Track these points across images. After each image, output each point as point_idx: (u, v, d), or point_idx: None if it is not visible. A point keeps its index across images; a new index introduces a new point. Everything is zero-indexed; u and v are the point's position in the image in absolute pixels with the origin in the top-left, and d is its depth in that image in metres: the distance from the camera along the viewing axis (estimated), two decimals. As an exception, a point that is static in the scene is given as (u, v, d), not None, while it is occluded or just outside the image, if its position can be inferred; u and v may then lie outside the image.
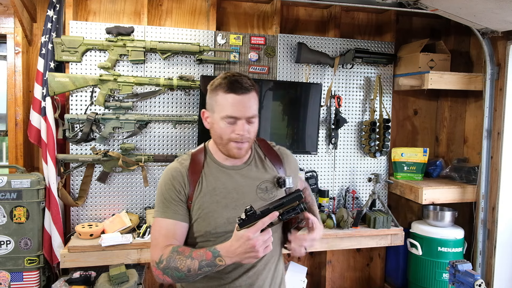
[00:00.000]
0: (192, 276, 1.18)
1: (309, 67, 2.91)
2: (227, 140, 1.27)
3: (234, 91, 1.24)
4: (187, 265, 1.17)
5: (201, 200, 1.30)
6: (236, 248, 1.12)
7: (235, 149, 1.28)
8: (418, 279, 2.93)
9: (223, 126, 1.26)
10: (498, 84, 2.80)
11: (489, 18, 2.43)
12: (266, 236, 1.11)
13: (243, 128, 1.25)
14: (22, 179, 2.39)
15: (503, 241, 2.80)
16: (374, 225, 2.79)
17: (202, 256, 1.17)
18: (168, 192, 1.30)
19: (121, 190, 2.66)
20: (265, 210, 1.12)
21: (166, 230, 1.28)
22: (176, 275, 1.19)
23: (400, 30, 3.17)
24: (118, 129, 2.59)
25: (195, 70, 2.72)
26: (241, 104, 1.24)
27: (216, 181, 1.33)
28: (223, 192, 1.31)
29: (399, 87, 3.04)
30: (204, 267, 1.16)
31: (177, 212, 1.29)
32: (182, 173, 1.32)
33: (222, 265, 1.15)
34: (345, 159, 3.03)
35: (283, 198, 1.15)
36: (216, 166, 1.35)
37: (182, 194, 1.30)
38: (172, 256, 1.20)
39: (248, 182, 1.35)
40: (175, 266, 1.19)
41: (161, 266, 1.21)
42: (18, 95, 2.56)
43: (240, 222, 1.13)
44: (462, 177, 3.02)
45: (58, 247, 2.43)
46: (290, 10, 3.01)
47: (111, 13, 2.71)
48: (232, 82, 1.24)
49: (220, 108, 1.26)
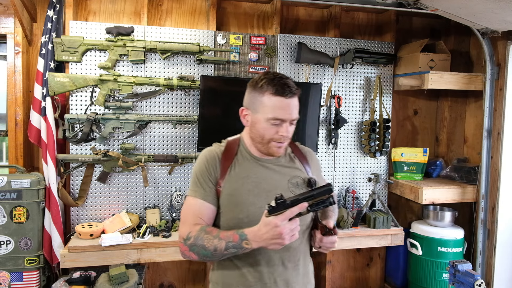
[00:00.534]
0: (218, 255, 1.24)
1: (309, 67, 2.91)
2: (268, 139, 1.32)
3: (282, 94, 1.27)
4: (214, 244, 1.22)
5: (232, 186, 1.33)
6: (263, 233, 1.15)
7: (275, 148, 1.33)
8: (418, 279, 2.93)
9: (267, 126, 1.30)
10: (498, 84, 2.80)
11: (489, 18, 2.43)
12: (294, 225, 1.15)
13: (287, 130, 1.30)
14: (22, 179, 2.39)
15: (503, 241, 2.80)
16: (374, 225, 2.79)
17: (229, 238, 1.21)
18: (201, 173, 1.35)
19: (121, 190, 2.66)
20: (295, 200, 1.15)
21: (195, 209, 1.33)
22: (202, 252, 1.24)
23: (400, 30, 3.17)
24: (118, 129, 2.59)
25: (195, 70, 2.72)
26: (288, 107, 1.28)
27: (248, 170, 1.37)
28: (255, 181, 1.35)
29: (399, 87, 3.04)
30: (230, 248, 1.21)
31: (207, 193, 1.33)
32: (215, 157, 1.37)
33: (248, 248, 1.20)
34: (345, 159, 3.03)
35: (314, 190, 1.18)
36: (248, 156, 1.40)
37: (213, 176, 1.35)
38: (199, 234, 1.26)
39: (279, 175, 1.39)
40: (202, 244, 1.24)
41: (188, 243, 1.27)
42: (18, 95, 2.56)
43: (269, 209, 1.16)
44: (462, 177, 3.02)
45: (58, 247, 2.43)
46: (290, 10, 3.01)
47: (111, 13, 2.71)
48: (281, 85, 1.28)
49: (266, 109, 1.29)
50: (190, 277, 2.98)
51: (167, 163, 2.67)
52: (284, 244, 1.15)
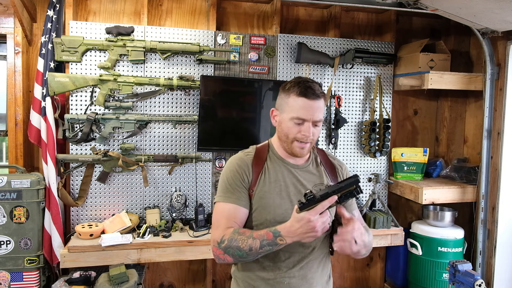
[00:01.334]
0: (253, 255, 1.29)
1: (309, 67, 2.91)
2: (292, 138, 1.38)
3: (305, 96, 1.34)
4: (249, 244, 1.27)
5: (262, 189, 1.40)
6: (297, 229, 1.21)
7: (298, 148, 1.39)
8: (418, 279, 2.93)
9: (291, 125, 1.37)
10: (498, 84, 2.80)
11: (489, 18, 2.43)
12: (325, 218, 1.21)
13: (309, 130, 1.36)
14: (22, 179, 2.39)
15: (503, 241, 2.80)
16: (374, 225, 2.79)
17: (263, 236, 1.26)
18: (233, 179, 1.41)
19: (121, 190, 2.66)
20: (324, 194, 1.20)
21: (228, 213, 1.38)
22: (237, 253, 1.29)
23: (400, 30, 3.17)
24: (118, 129, 2.59)
25: (195, 70, 2.72)
26: (310, 108, 1.35)
27: (277, 174, 1.44)
28: (283, 185, 1.42)
29: (399, 87, 3.04)
30: (265, 246, 1.26)
31: (239, 198, 1.39)
32: (247, 163, 1.43)
33: (283, 244, 1.25)
34: (345, 159, 3.03)
35: (341, 183, 1.22)
36: (279, 161, 1.46)
37: (246, 182, 1.41)
38: (233, 236, 1.31)
39: (305, 181, 1.45)
40: (237, 246, 1.29)
41: (223, 246, 1.31)
42: (18, 95, 2.56)
43: (300, 205, 1.21)
44: (462, 177, 3.02)
45: (58, 247, 2.43)
46: (290, 10, 3.01)
47: (111, 13, 2.71)
48: (305, 87, 1.35)
49: (290, 109, 1.37)
50: (190, 277, 2.98)
51: (167, 163, 2.67)
52: (318, 236, 1.21)
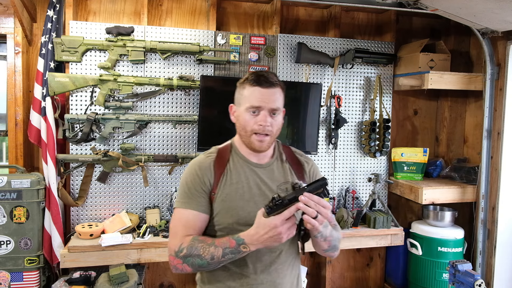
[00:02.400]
0: (215, 263, 1.23)
1: (309, 67, 2.91)
2: (250, 131, 1.33)
3: (259, 84, 1.31)
4: (211, 252, 1.22)
5: (224, 192, 1.34)
6: (261, 235, 1.16)
7: (257, 141, 1.33)
8: (418, 279, 2.93)
9: (247, 117, 1.32)
10: (498, 84, 2.80)
11: (489, 18, 2.43)
12: (291, 223, 1.16)
13: (265, 119, 1.30)
14: (22, 179, 2.39)
15: (503, 241, 2.80)
16: (374, 225, 2.79)
17: (225, 244, 1.21)
18: (193, 183, 1.34)
19: (121, 190, 2.66)
20: (292, 199, 1.16)
21: (187, 220, 1.31)
22: (197, 262, 1.23)
23: (400, 30, 3.17)
24: (118, 129, 2.59)
25: (195, 70, 2.71)
26: (265, 95, 1.31)
27: (240, 175, 1.37)
28: (246, 186, 1.35)
29: (399, 87, 3.04)
30: (228, 254, 1.21)
31: (199, 203, 1.32)
32: (208, 165, 1.36)
33: (246, 251, 1.20)
34: (345, 159, 3.03)
35: (309, 186, 1.18)
36: (241, 161, 1.40)
37: (207, 185, 1.34)
38: (193, 244, 1.24)
39: (269, 181, 1.39)
40: (197, 254, 1.23)
41: (181, 255, 1.25)
42: (18, 95, 2.56)
43: (268, 210, 1.16)
44: (462, 177, 3.02)
45: (58, 247, 2.43)
46: (290, 10, 3.01)
47: (111, 13, 2.71)
48: (258, 76, 1.32)
49: (245, 100, 1.33)
50: (190, 277, 2.98)
51: (167, 163, 2.67)
52: (282, 242, 1.17)
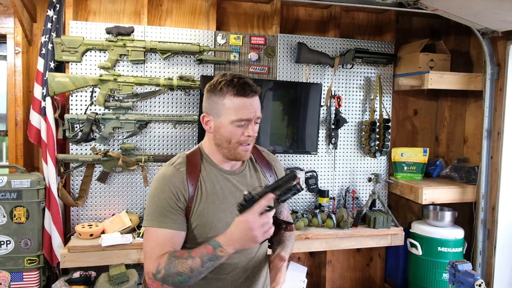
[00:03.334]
0: (195, 276, 1.16)
1: (309, 67, 2.91)
2: (236, 143, 1.26)
3: (244, 94, 1.23)
4: (189, 265, 1.14)
5: (201, 206, 1.28)
6: (236, 234, 1.11)
7: (243, 151, 1.28)
8: (418, 279, 2.93)
9: (233, 129, 1.24)
10: (498, 84, 2.80)
11: (489, 18, 2.42)
12: (265, 219, 1.10)
13: (253, 129, 1.26)
14: (22, 179, 2.39)
15: (503, 241, 2.80)
16: (374, 225, 2.79)
17: (202, 252, 1.15)
18: (167, 201, 1.24)
19: (121, 190, 2.66)
20: (263, 193, 1.13)
21: (163, 240, 1.22)
22: (178, 280, 1.16)
23: (400, 30, 3.17)
24: (118, 129, 2.59)
25: (195, 70, 2.71)
26: (251, 106, 1.24)
27: (214, 185, 1.31)
28: (221, 197, 1.31)
29: (399, 87, 3.04)
30: (207, 262, 1.14)
31: (176, 221, 1.24)
32: (181, 179, 1.27)
33: (224, 256, 1.14)
34: (345, 159, 3.03)
35: (279, 180, 1.15)
36: (214, 170, 1.34)
37: (182, 201, 1.26)
38: (170, 262, 1.17)
39: (244, 187, 1.35)
40: (176, 271, 1.15)
41: (159, 277, 1.17)
42: (18, 95, 2.56)
43: (240, 208, 1.13)
44: (462, 177, 3.02)
45: (58, 247, 2.43)
46: (290, 10, 3.01)
47: (111, 13, 2.71)
48: (241, 85, 1.24)
49: (229, 111, 1.23)
50: (190, 277, 2.97)
51: (167, 163, 2.66)
52: (258, 242, 1.11)
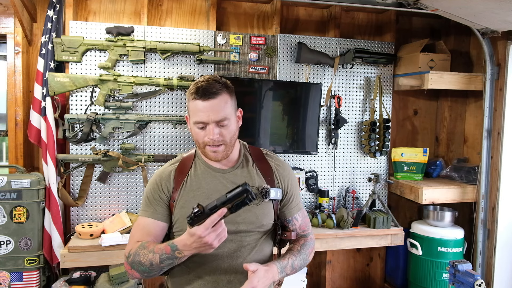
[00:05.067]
0: (155, 269, 1.25)
1: (309, 67, 2.91)
2: (202, 144, 1.32)
3: (200, 97, 1.26)
4: (149, 258, 1.23)
5: (183, 199, 1.34)
6: (191, 243, 1.16)
7: (211, 152, 1.32)
8: (418, 279, 2.93)
9: (197, 131, 1.30)
10: (498, 84, 2.80)
11: (489, 18, 2.42)
12: (219, 230, 1.14)
13: (212, 132, 1.27)
14: (22, 179, 2.39)
15: (503, 241, 2.80)
16: (374, 225, 2.79)
17: (162, 250, 1.22)
18: (151, 192, 1.36)
19: (121, 190, 2.66)
20: (213, 207, 1.13)
21: (143, 227, 1.34)
22: (140, 269, 1.26)
23: (400, 30, 3.17)
24: (118, 129, 2.59)
25: (195, 70, 2.72)
26: (208, 109, 1.26)
27: (201, 181, 1.36)
28: (206, 192, 1.34)
29: (399, 87, 3.04)
30: (165, 260, 1.22)
31: (156, 211, 1.34)
32: (168, 174, 1.38)
33: (182, 257, 1.21)
34: (345, 159, 3.03)
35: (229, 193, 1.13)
36: (204, 167, 1.39)
37: (165, 193, 1.35)
38: (138, 250, 1.27)
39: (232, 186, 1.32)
40: (138, 260, 1.25)
41: (129, 260, 1.28)
42: (18, 95, 2.56)
43: (189, 221, 1.15)
44: (462, 177, 3.02)
45: (58, 247, 2.43)
46: (290, 10, 3.01)
47: (111, 13, 2.71)
48: (198, 88, 1.27)
49: (191, 114, 1.31)
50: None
51: (167, 163, 2.67)
52: (214, 248, 1.16)
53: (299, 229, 1.45)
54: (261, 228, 1.36)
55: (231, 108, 1.31)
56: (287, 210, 1.44)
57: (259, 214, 1.35)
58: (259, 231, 1.36)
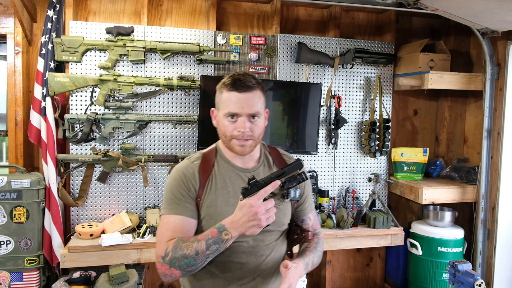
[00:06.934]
0: (201, 259, 1.19)
1: (309, 67, 2.91)
2: (230, 137, 1.30)
3: (236, 89, 1.27)
4: (194, 248, 1.19)
5: (210, 198, 1.33)
6: (240, 218, 1.14)
7: (238, 146, 1.31)
8: (418, 279, 2.93)
9: (226, 123, 1.29)
10: (498, 84, 2.80)
11: (489, 18, 2.43)
12: (269, 205, 1.14)
13: (243, 125, 1.27)
14: (22, 179, 2.39)
15: (503, 241, 2.80)
16: (374, 225, 2.79)
17: (208, 235, 1.19)
18: (178, 189, 1.32)
19: (121, 190, 2.66)
20: (267, 179, 1.16)
21: (174, 225, 1.29)
22: (184, 262, 1.20)
23: (400, 30, 3.17)
24: (118, 129, 2.59)
25: (195, 70, 2.71)
26: (242, 101, 1.27)
27: (225, 179, 1.36)
28: (231, 191, 1.34)
29: (399, 87, 3.04)
30: (212, 245, 1.18)
31: (186, 208, 1.31)
32: (193, 171, 1.34)
33: (228, 238, 1.17)
34: (345, 159, 3.03)
35: (284, 168, 1.19)
36: (226, 165, 1.38)
37: (192, 191, 1.32)
38: (177, 245, 1.22)
39: None
40: (182, 254, 1.20)
41: (167, 259, 1.22)
42: (18, 95, 2.56)
43: (243, 191, 1.16)
44: (462, 177, 3.02)
45: (58, 247, 2.43)
46: (290, 10, 3.01)
47: (111, 13, 2.71)
48: (235, 80, 1.28)
49: (223, 105, 1.30)
50: (190, 277, 2.98)
51: (167, 163, 2.67)
52: (262, 226, 1.14)
53: (311, 228, 1.50)
54: (281, 228, 1.39)
55: (262, 105, 1.33)
56: (301, 210, 1.47)
57: (280, 214, 1.36)
58: (279, 231, 1.39)
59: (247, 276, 1.33)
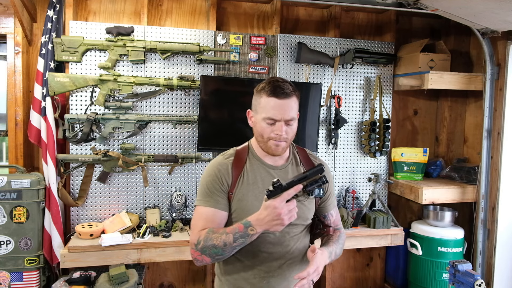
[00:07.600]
0: (228, 249, 1.31)
1: (309, 67, 2.91)
2: (267, 138, 1.41)
3: (275, 95, 1.36)
4: (223, 239, 1.30)
5: (241, 192, 1.43)
6: (264, 217, 1.24)
7: (274, 146, 1.41)
8: (418, 279, 2.93)
9: (264, 126, 1.39)
10: (498, 84, 2.80)
11: (489, 18, 2.43)
12: (291, 206, 1.24)
13: (281, 129, 1.38)
14: (22, 179, 2.39)
15: (503, 241, 2.80)
16: (374, 225, 2.79)
17: (235, 229, 1.30)
18: (212, 183, 1.43)
19: (121, 190, 2.66)
20: (291, 183, 1.26)
21: (206, 216, 1.41)
22: (213, 251, 1.32)
23: (400, 30, 3.17)
24: (118, 129, 2.59)
25: (195, 70, 2.72)
26: (281, 107, 1.37)
27: (256, 175, 1.46)
28: (261, 187, 1.44)
29: (399, 87, 3.04)
30: (238, 239, 1.29)
31: (218, 201, 1.42)
32: (227, 166, 1.45)
33: (254, 234, 1.28)
34: (345, 159, 3.03)
35: (306, 172, 1.28)
36: (258, 163, 1.48)
37: (225, 185, 1.43)
38: (208, 235, 1.34)
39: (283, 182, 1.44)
40: (212, 244, 1.32)
41: (199, 247, 1.35)
42: (18, 95, 2.56)
43: (268, 193, 1.25)
44: (462, 177, 3.02)
45: (58, 247, 2.43)
46: (290, 10, 3.01)
47: (111, 13, 2.71)
48: (275, 87, 1.37)
49: (262, 109, 1.39)
50: (190, 277, 2.98)
51: (167, 163, 2.67)
52: (284, 225, 1.24)
53: (333, 224, 1.60)
54: (306, 222, 1.50)
55: (297, 110, 1.43)
56: (324, 207, 1.58)
57: (305, 209, 1.47)
58: (303, 225, 1.49)
59: (274, 264, 1.44)
